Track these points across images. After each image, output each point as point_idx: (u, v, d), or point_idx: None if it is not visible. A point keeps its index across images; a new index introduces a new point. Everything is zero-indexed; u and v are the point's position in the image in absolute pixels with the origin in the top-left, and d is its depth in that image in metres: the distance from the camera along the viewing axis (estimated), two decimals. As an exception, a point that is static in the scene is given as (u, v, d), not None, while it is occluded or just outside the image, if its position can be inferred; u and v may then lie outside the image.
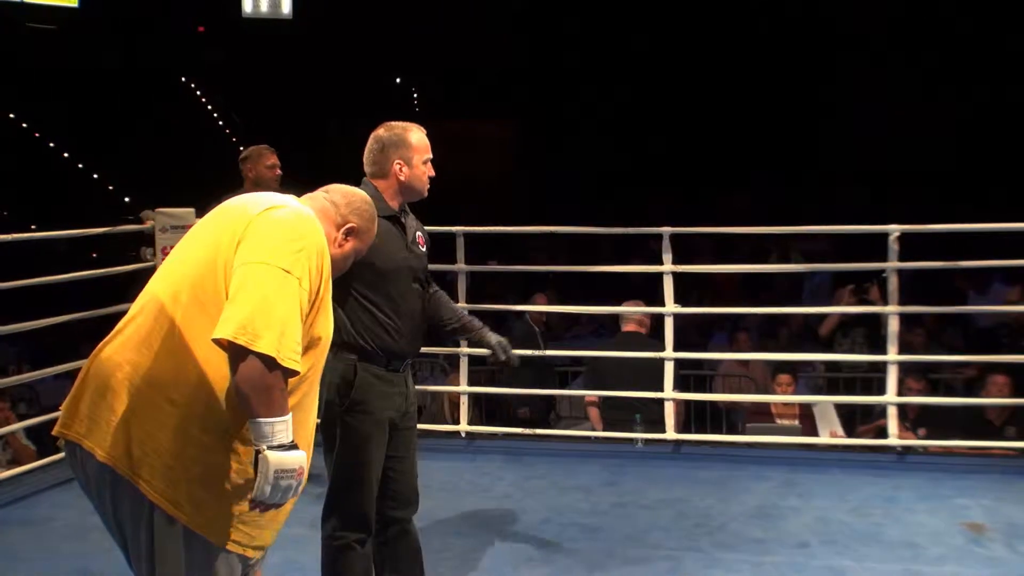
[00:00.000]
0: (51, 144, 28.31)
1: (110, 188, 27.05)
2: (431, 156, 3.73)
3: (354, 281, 3.55)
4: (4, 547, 4.94)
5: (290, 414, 2.50)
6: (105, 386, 2.60)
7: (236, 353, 2.43)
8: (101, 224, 6.41)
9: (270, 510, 2.54)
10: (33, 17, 23.87)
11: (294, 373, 2.49)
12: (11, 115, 28.00)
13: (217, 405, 2.54)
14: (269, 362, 2.43)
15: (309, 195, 2.90)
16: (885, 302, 6.19)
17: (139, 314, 2.64)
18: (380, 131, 3.74)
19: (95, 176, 28.24)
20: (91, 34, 25.25)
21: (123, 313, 2.72)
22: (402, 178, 3.67)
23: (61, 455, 6.06)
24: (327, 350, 2.76)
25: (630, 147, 23.48)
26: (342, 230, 2.85)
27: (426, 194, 3.76)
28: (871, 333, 7.90)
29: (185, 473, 2.54)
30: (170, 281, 2.62)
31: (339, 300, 3.52)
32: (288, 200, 2.72)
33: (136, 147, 24.83)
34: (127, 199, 24.93)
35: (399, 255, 3.65)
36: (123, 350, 2.61)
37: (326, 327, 2.71)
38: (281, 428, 2.46)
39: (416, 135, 3.71)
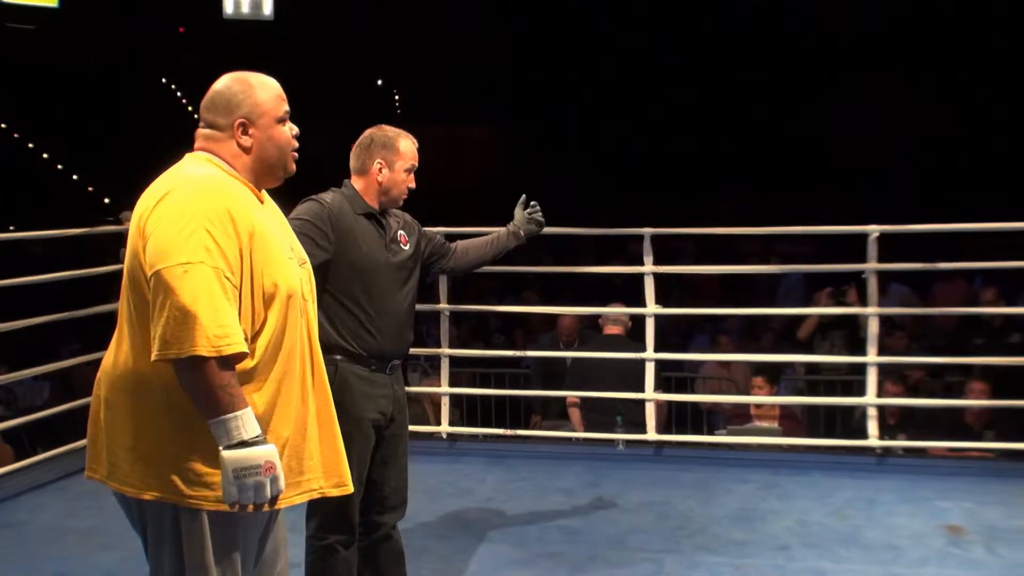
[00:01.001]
0: (30, 145, 28.18)
1: (89, 189, 26.93)
2: (415, 166, 3.73)
3: (331, 280, 3.54)
4: (-18, 550, 4.90)
5: (246, 408, 2.45)
6: (95, 413, 2.64)
7: (174, 366, 2.43)
8: (80, 225, 6.37)
9: (259, 508, 2.49)
10: (12, 17, 23.75)
11: (240, 355, 2.45)
12: (-10, 116, 27.86)
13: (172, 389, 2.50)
14: (197, 362, 2.40)
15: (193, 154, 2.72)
16: (863, 304, 6.20)
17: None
18: (372, 130, 3.75)
19: (74, 177, 28.12)
20: (71, 35, 25.13)
21: (102, 315, 2.72)
22: (380, 179, 3.67)
23: (39, 457, 6.05)
24: (302, 299, 2.68)
25: (614, 150, 23.52)
26: (237, 130, 2.66)
27: (400, 203, 3.76)
28: (850, 335, 7.93)
29: (167, 457, 2.52)
30: (122, 291, 2.62)
31: (319, 302, 3.51)
32: (174, 178, 2.59)
33: (115, 148, 24.73)
34: (106, 200, 24.84)
35: (378, 253, 3.63)
36: (102, 367, 2.65)
37: (282, 275, 2.61)
38: (236, 425, 2.42)
39: (405, 143, 3.71)
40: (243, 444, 2.42)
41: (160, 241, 2.46)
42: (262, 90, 2.69)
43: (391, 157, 3.67)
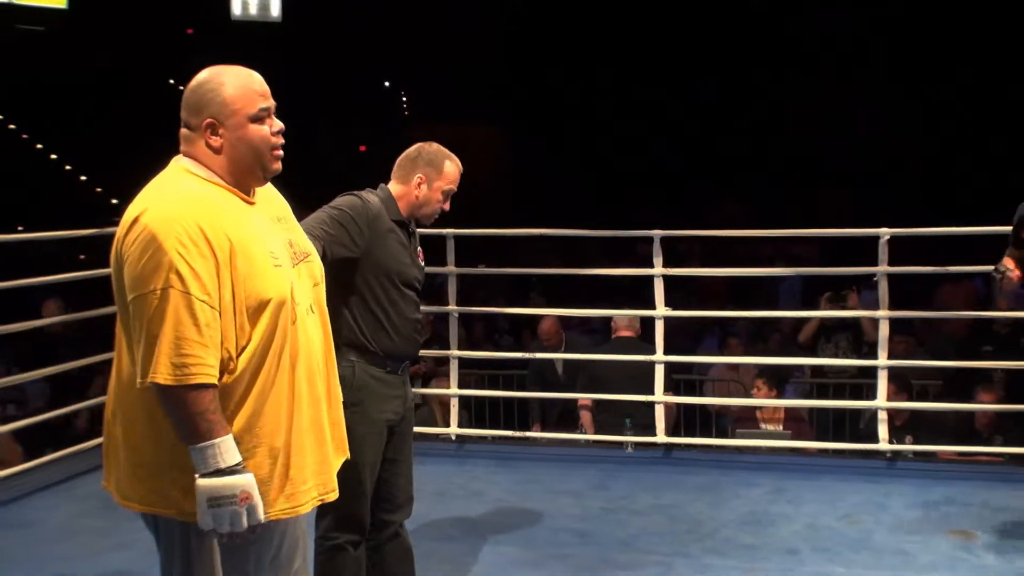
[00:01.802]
0: (39, 145, 28.23)
1: (97, 190, 26.98)
2: (453, 191, 3.75)
3: (360, 279, 3.58)
4: (-8, 550, 4.91)
5: (226, 436, 2.41)
6: (107, 425, 2.63)
7: (155, 392, 2.42)
8: (87, 225, 6.39)
9: (234, 539, 2.47)
10: (22, 18, 23.81)
11: (208, 385, 2.40)
12: (-1, 116, 27.92)
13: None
14: (168, 391, 2.38)
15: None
16: (876, 307, 6.18)
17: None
18: (423, 144, 3.77)
19: (82, 178, 28.17)
20: (79, 36, 25.19)
21: (109, 316, 2.71)
22: (418, 194, 3.69)
23: (48, 458, 6.06)
24: (294, 307, 2.59)
25: (621, 152, 23.52)
26: (206, 130, 2.55)
27: (429, 223, 3.79)
28: (855, 339, 7.92)
29: (168, 475, 2.50)
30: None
31: (346, 299, 3.56)
32: (148, 198, 2.50)
33: (123, 149, 24.76)
34: (114, 200, 24.87)
35: (404, 260, 3.67)
36: (110, 382, 2.64)
37: (269, 286, 2.51)
38: (212, 453, 2.39)
39: (450, 165, 3.73)
40: (219, 472, 2.39)
41: (133, 267, 2.42)
42: (232, 86, 2.55)
43: (433, 175, 3.70)
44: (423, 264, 3.82)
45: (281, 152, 2.62)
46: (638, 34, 24.37)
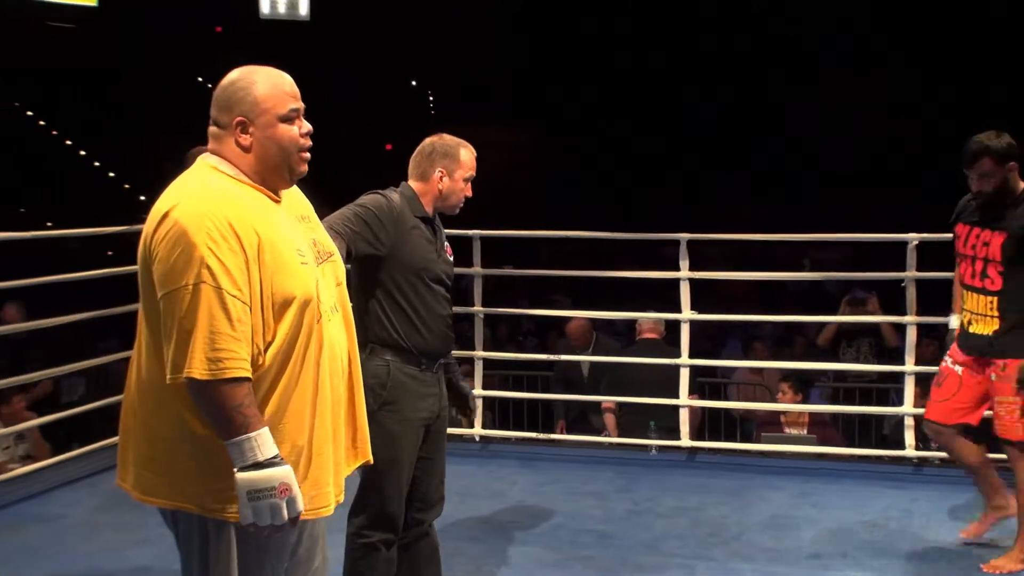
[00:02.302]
0: (68, 142, 28.43)
1: (126, 186, 27.14)
2: (473, 176, 3.78)
3: (387, 278, 3.59)
4: (19, 543, 4.94)
5: (262, 428, 2.41)
6: (123, 421, 2.64)
7: (187, 388, 2.42)
8: (115, 221, 6.44)
9: (279, 532, 2.47)
10: (53, 16, 23.97)
11: (243, 379, 2.41)
12: (29, 112, 28.13)
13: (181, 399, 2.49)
14: (204, 386, 2.39)
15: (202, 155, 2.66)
16: (905, 312, 6.14)
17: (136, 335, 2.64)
18: (434, 138, 3.77)
19: (111, 174, 28.34)
20: (110, 33, 25.33)
21: (134, 313, 2.71)
22: (441, 187, 3.71)
23: (75, 452, 6.10)
24: (319, 306, 2.60)
25: (645, 153, 23.48)
26: (236, 128, 2.56)
27: (456, 211, 3.82)
28: (878, 343, 7.87)
29: (189, 471, 2.52)
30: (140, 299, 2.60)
31: (376, 297, 3.58)
32: (177, 194, 2.51)
33: (152, 146, 24.92)
34: (142, 197, 25.02)
35: (431, 257, 3.68)
36: (128, 375, 2.64)
37: (295, 283, 2.52)
38: (250, 446, 2.39)
39: (465, 152, 3.75)
40: (258, 465, 2.40)
41: (164, 263, 2.42)
42: (265, 85, 2.56)
43: (452, 166, 3.71)
44: (451, 259, 3.83)
45: (308, 154, 2.63)
46: (665, 35, 24.33)
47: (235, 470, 2.40)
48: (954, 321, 4.73)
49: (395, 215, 3.60)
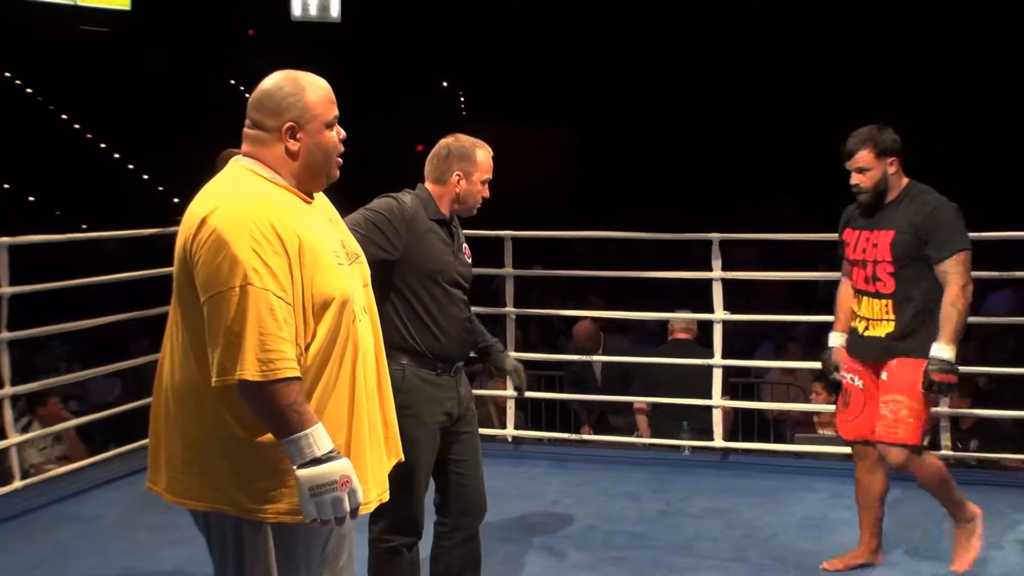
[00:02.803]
0: (102, 144, 28.66)
1: (159, 189, 27.33)
2: (490, 177, 3.74)
3: (401, 281, 3.57)
4: (55, 543, 4.99)
5: (316, 425, 2.43)
6: (154, 423, 2.65)
7: (239, 390, 2.43)
8: (149, 223, 6.49)
9: (340, 523, 2.48)
10: (86, 19, 24.20)
11: (294, 378, 2.42)
12: (64, 116, 28.38)
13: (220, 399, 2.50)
14: (257, 387, 2.39)
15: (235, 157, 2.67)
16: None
17: (164, 338, 2.65)
18: (449, 140, 3.74)
19: (144, 176, 28.55)
20: (142, 36, 25.53)
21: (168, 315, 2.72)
22: (458, 190, 3.68)
23: (110, 453, 6.15)
24: (354, 306, 2.62)
25: (677, 153, 23.40)
26: (285, 130, 2.57)
27: (474, 212, 3.79)
28: None
29: (225, 472, 2.53)
30: (172, 299, 2.61)
31: (391, 301, 3.55)
32: (216, 197, 2.52)
33: (184, 148, 25.10)
34: (175, 200, 25.20)
35: (447, 259, 3.65)
36: (157, 378, 2.65)
37: (334, 284, 2.55)
38: (307, 443, 2.40)
39: (481, 153, 3.72)
40: (316, 461, 2.41)
41: (208, 267, 2.43)
42: (313, 92, 2.59)
43: (469, 168, 3.68)
44: (470, 261, 3.80)
45: (341, 160, 2.66)
46: (697, 34, 24.25)
47: (295, 468, 2.41)
48: (835, 339, 4.59)
49: (407, 218, 3.57)
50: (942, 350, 4.18)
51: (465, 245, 3.80)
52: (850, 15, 22.63)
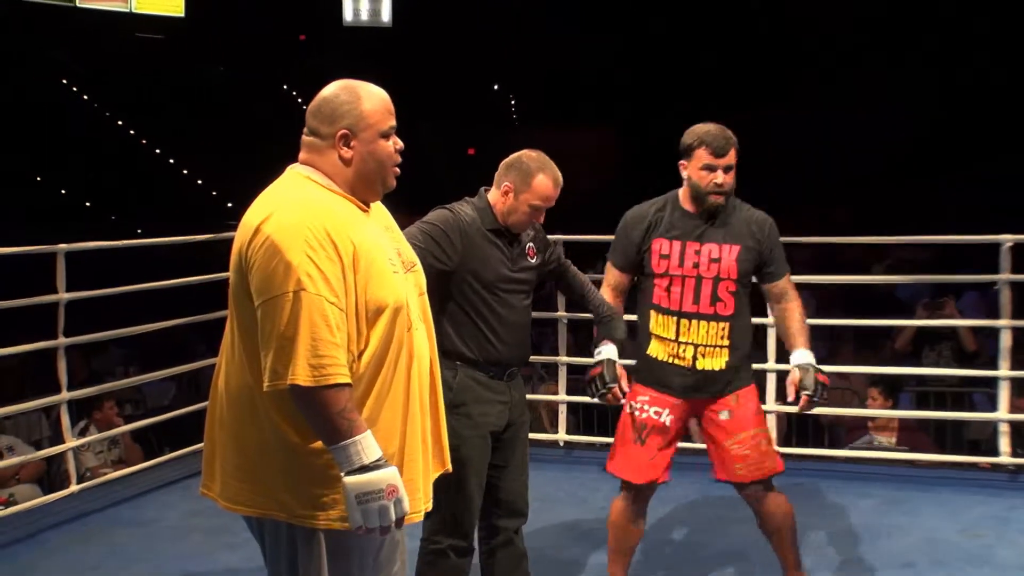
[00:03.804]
0: (157, 150, 29.02)
1: (213, 193, 27.61)
2: (542, 207, 3.64)
3: (456, 290, 3.58)
4: (112, 546, 5.05)
5: (365, 432, 2.43)
6: (209, 429, 2.68)
7: (291, 394, 2.44)
8: (204, 227, 6.57)
9: (385, 532, 2.48)
10: (141, 27, 24.53)
11: (345, 384, 2.43)
12: (119, 122, 28.77)
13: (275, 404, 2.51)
14: (307, 392, 2.40)
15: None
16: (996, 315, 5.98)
17: (222, 344, 2.67)
18: (522, 152, 3.67)
19: (199, 182, 28.87)
20: (196, 43, 25.82)
21: (223, 320, 2.74)
22: (504, 201, 3.64)
23: (166, 457, 6.22)
24: (409, 314, 2.63)
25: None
26: (339, 137, 2.59)
27: (519, 233, 3.68)
28: (958, 347, 7.69)
29: (278, 478, 2.54)
30: (229, 306, 2.62)
31: (443, 310, 3.56)
32: (272, 202, 2.55)
33: (238, 153, 25.34)
34: (229, 204, 25.45)
35: (502, 268, 3.64)
36: (213, 384, 2.67)
37: (388, 291, 2.56)
38: (356, 450, 2.41)
39: (541, 179, 3.60)
40: (364, 469, 2.41)
41: (263, 271, 2.45)
42: (369, 101, 2.61)
43: (521, 188, 3.61)
44: (534, 262, 3.74)
45: (398, 170, 2.67)
46: (746, 37, 24.10)
47: (343, 475, 2.42)
48: (609, 351, 3.95)
49: (463, 228, 3.57)
50: (809, 355, 3.95)
51: (531, 245, 3.74)
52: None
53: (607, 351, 3.94)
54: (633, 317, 4.06)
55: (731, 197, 3.95)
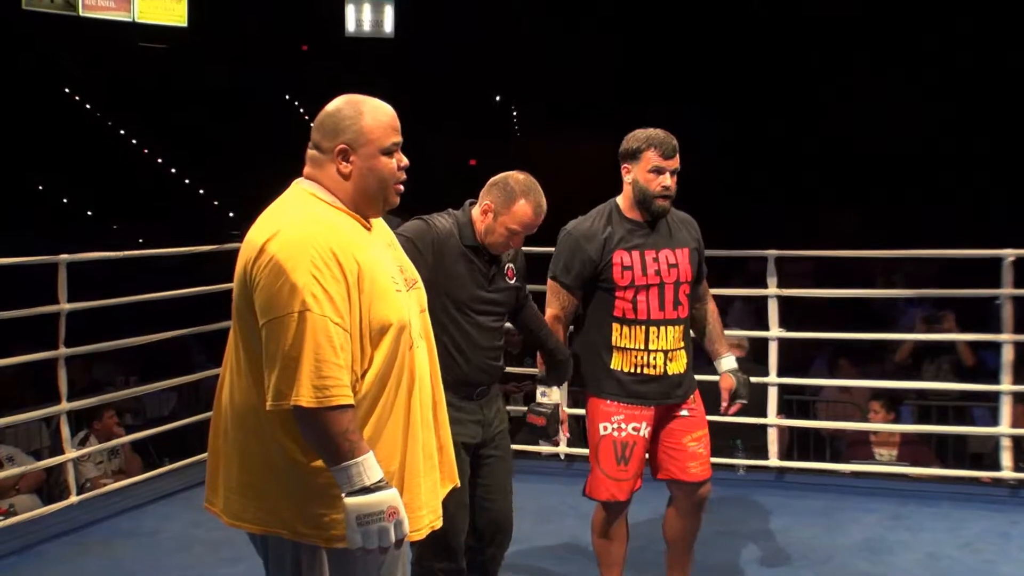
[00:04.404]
0: (159, 160, 29.06)
1: (215, 203, 27.65)
2: (521, 232, 3.56)
3: (429, 309, 3.53)
4: (112, 558, 5.03)
5: (367, 454, 2.42)
6: (213, 445, 2.68)
7: (293, 414, 2.43)
8: (205, 236, 6.57)
9: (384, 552, 2.47)
10: (144, 36, 24.57)
11: (348, 406, 2.42)
12: (121, 131, 28.82)
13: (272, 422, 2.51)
14: (310, 413, 2.40)
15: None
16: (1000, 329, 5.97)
17: (225, 358, 2.66)
18: (515, 174, 3.59)
19: (200, 191, 28.90)
20: (199, 53, 25.87)
21: (225, 330, 2.74)
22: (483, 220, 3.57)
23: (167, 468, 6.20)
24: (411, 332, 2.62)
25: (732, 166, 23.27)
26: (338, 152, 2.58)
27: (496, 254, 3.62)
28: (957, 361, 7.69)
29: (281, 496, 2.54)
30: (232, 321, 2.62)
31: None
32: (277, 220, 2.54)
33: (240, 163, 25.36)
34: (231, 214, 25.47)
35: (475, 285, 3.58)
36: (217, 399, 2.67)
37: (392, 310, 2.55)
38: (357, 472, 2.41)
39: (521, 205, 3.52)
40: (365, 490, 2.41)
41: (268, 291, 2.44)
42: (371, 117, 2.59)
43: (501, 209, 3.53)
44: (512, 283, 3.68)
45: (402, 187, 2.66)
46: (748, 51, 24.14)
47: (343, 496, 2.41)
48: (556, 397, 3.96)
49: (437, 241, 3.51)
50: (734, 360, 4.06)
51: (510, 266, 3.69)
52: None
53: (554, 395, 3.92)
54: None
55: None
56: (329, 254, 2.46)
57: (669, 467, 4.04)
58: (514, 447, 6.46)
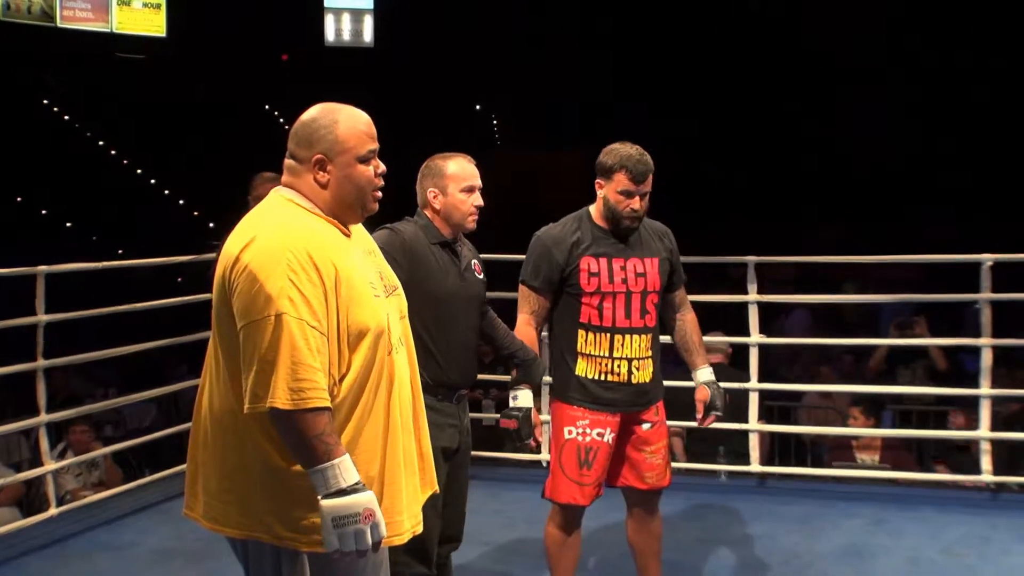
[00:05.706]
0: (139, 170, 28.96)
1: (195, 213, 27.56)
2: (474, 185, 3.66)
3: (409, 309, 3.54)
4: (91, 571, 5.00)
5: (343, 456, 2.43)
6: (192, 450, 2.67)
7: (269, 417, 2.44)
8: (186, 246, 6.54)
9: (361, 555, 2.46)
10: (123, 47, 24.52)
11: (324, 408, 2.43)
12: (100, 142, 28.71)
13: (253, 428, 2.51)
14: (286, 415, 2.40)
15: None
16: (976, 335, 6.00)
17: (204, 366, 2.66)
18: (426, 161, 3.73)
19: (180, 202, 28.81)
20: (178, 63, 25.82)
21: (204, 341, 2.73)
22: (437, 206, 3.66)
23: (146, 479, 6.16)
24: (390, 337, 2.63)
25: (711, 175, 23.35)
26: (314, 162, 2.59)
27: (469, 225, 3.69)
28: (932, 366, 7.73)
29: (261, 500, 2.53)
30: (212, 328, 2.62)
31: None
32: (256, 225, 2.55)
33: (220, 173, 25.31)
34: (211, 224, 25.39)
35: (450, 283, 3.63)
36: (196, 406, 2.66)
37: (369, 315, 2.56)
38: (333, 474, 2.41)
39: (453, 164, 3.66)
40: (341, 492, 2.41)
41: (245, 295, 2.45)
42: (346, 125, 2.60)
43: (442, 183, 3.64)
44: (481, 277, 3.75)
45: (380, 193, 2.67)
46: (732, 59, 24.23)
47: (319, 498, 2.41)
48: (525, 399, 3.85)
49: (406, 247, 3.56)
50: (711, 371, 4.10)
51: (475, 262, 3.76)
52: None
53: (525, 399, 3.85)
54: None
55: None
56: (306, 258, 2.47)
57: (626, 475, 4.07)
58: (497, 455, 6.51)
